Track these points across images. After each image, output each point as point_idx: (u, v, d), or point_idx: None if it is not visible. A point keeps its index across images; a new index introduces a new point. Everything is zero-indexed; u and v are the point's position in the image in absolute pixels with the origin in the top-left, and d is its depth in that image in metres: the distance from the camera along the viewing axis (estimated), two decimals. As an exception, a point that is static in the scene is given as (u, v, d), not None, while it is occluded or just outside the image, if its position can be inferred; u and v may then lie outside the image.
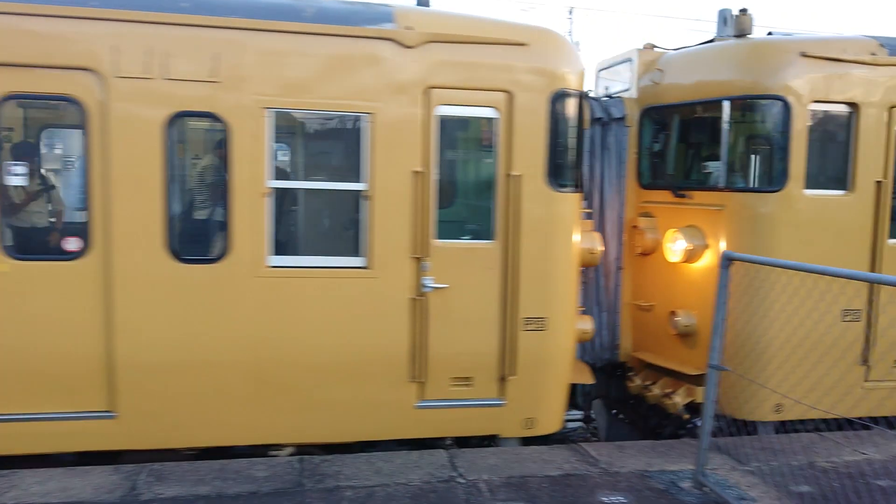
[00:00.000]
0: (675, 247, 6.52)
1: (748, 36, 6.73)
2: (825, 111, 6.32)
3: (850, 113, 6.24)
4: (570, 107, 5.70)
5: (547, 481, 4.94)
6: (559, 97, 5.62)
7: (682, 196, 6.65)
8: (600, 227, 6.87)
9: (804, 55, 6.22)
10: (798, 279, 5.33)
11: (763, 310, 5.93)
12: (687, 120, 6.94)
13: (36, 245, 5.26)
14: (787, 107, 6.07)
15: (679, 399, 6.43)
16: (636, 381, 6.92)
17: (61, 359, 5.09)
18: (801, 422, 6.15)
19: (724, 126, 6.31)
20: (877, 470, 5.21)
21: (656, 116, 7.01)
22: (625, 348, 7.10)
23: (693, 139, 7.05)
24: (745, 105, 6.44)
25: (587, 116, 6.14)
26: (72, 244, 5.11)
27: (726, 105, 6.31)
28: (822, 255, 5.70)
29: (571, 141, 5.75)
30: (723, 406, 5.46)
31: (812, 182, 6.20)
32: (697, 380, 6.17)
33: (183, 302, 5.20)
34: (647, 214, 6.94)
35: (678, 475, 5.13)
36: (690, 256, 6.44)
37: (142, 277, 5.11)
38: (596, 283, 6.92)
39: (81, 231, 5.07)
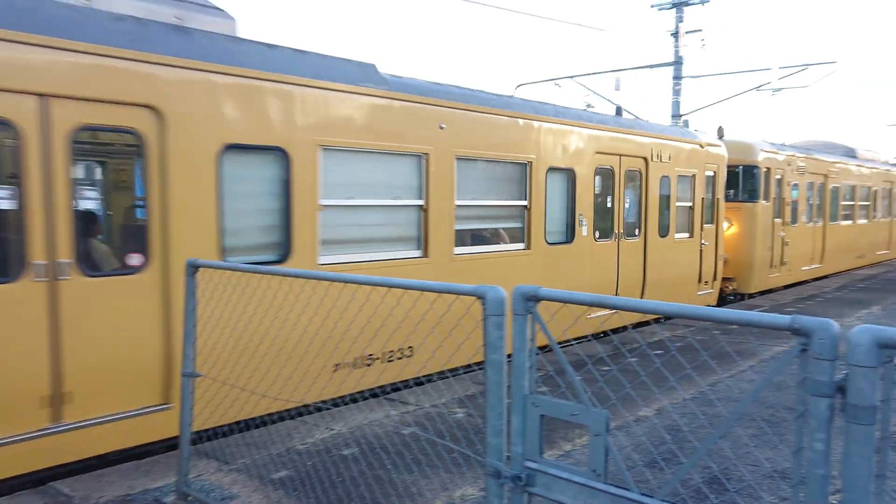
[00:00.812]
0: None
1: (725, 137, 14.98)
2: (763, 171, 15.30)
3: (770, 169, 15.47)
4: (716, 172, 13.31)
5: (5, 539, 4.28)
6: (726, 167, 13.64)
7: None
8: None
9: (762, 150, 15.37)
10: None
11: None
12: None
13: (630, 232, 11.16)
14: (758, 169, 15.05)
15: (730, 288, 15.19)
16: None
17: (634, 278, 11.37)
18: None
19: (739, 176, 15.09)
20: (340, 443, 5.93)
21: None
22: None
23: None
24: (746, 168, 15.07)
25: (717, 173, 13.56)
26: (634, 234, 11.20)
27: (740, 168, 15.07)
28: (767, 233, 15.66)
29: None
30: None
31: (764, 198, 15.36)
32: (732, 280, 15.13)
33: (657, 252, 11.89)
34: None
35: (162, 491, 4.99)
36: (727, 228, 14.61)
37: (654, 245, 11.61)
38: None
39: (638, 227, 11.21)
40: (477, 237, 8.58)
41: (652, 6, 22.67)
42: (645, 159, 11.19)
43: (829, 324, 2.40)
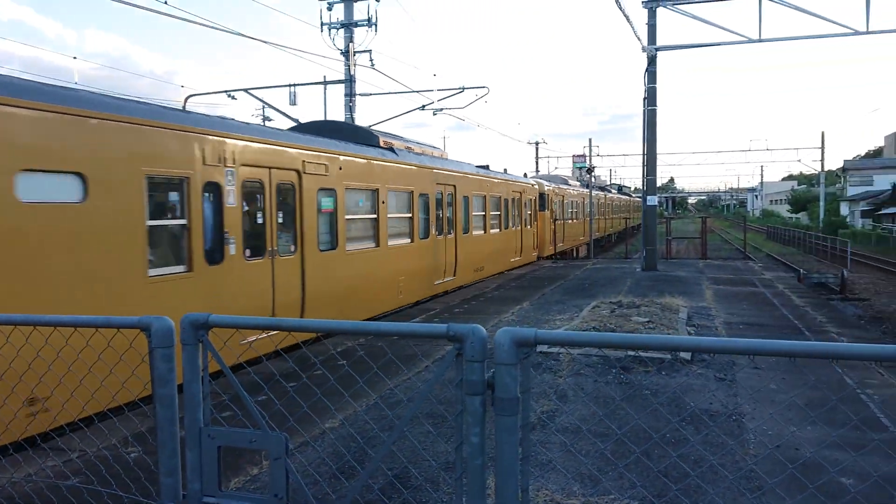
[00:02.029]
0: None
1: (529, 177, 31.59)
2: (548, 196, 29.63)
3: (549, 195, 29.97)
4: (537, 196, 27.99)
5: None
6: (536, 194, 27.92)
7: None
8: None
9: (546, 186, 29.98)
10: None
11: None
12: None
13: (515, 224, 24.89)
14: (546, 195, 29.03)
15: (536, 254, 28.09)
16: None
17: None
18: None
19: (538, 197, 28.37)
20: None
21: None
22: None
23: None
24: (542, 194, 28.95)
25: (537, 197, 28.39)
26: (516, 226, 25.12)
27: (539, 194, 28.39)
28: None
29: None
30: None
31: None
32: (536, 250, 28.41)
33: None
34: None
35: None
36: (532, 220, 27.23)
37: (525, 231, 26.00)
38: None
39: (518, 222, 25.01)
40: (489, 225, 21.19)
41: (323, 24, 23.28)
42: (520, 192, 24.81)
43: (478, 329, 2.68)
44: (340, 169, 11.67)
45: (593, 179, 40.33)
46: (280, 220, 10.15)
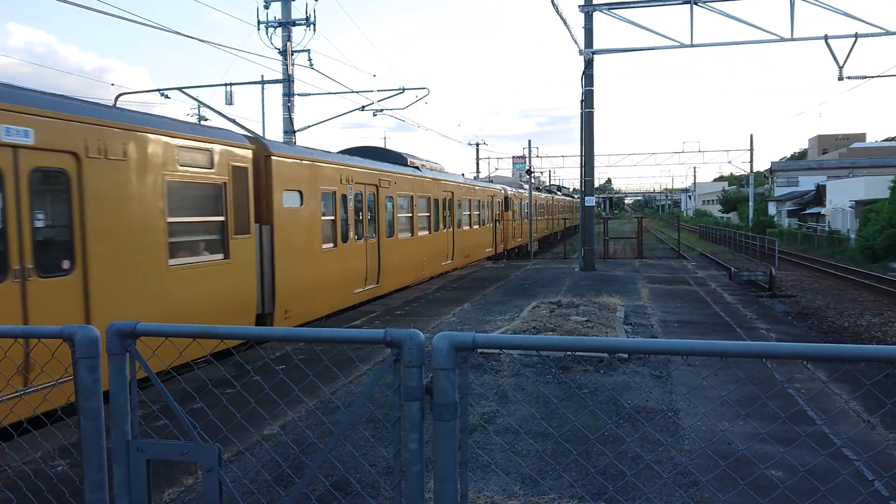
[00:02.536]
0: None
1: (493, 181, 38.46)
2: (511, 199, 34.85)
3: (511, 198, 34.76)
4: (504, 199, 33.12)
5: None
6: (503, 197, 32.68)
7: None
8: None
9: (509, 190, 34.67)
10: None
11: None
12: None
13: (496, 219, 32.07)
14: (509, 198, 34.09)
15: (503, 247, 32.76)
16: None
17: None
18: None
19: (504, 201, 33.52)
20: None
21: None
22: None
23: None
24: (506, 198, 33.84)
25: (504, 199, 33.22)
26: (490, 222, 31.33)
27: (503, 198, 33.41)
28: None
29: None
30: None
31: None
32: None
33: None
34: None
35: None
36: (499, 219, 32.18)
37: (497, 227, 31.93)
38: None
39: (490, 219, 30.73)
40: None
41: (261, 23, 22.88)
42: (492, 196, 30.16)
43: (415, 334, 2.64)
44: (395, 183, 17.59)
45: (534, 181, 41.06)
46: (369, 217, 15.82)
